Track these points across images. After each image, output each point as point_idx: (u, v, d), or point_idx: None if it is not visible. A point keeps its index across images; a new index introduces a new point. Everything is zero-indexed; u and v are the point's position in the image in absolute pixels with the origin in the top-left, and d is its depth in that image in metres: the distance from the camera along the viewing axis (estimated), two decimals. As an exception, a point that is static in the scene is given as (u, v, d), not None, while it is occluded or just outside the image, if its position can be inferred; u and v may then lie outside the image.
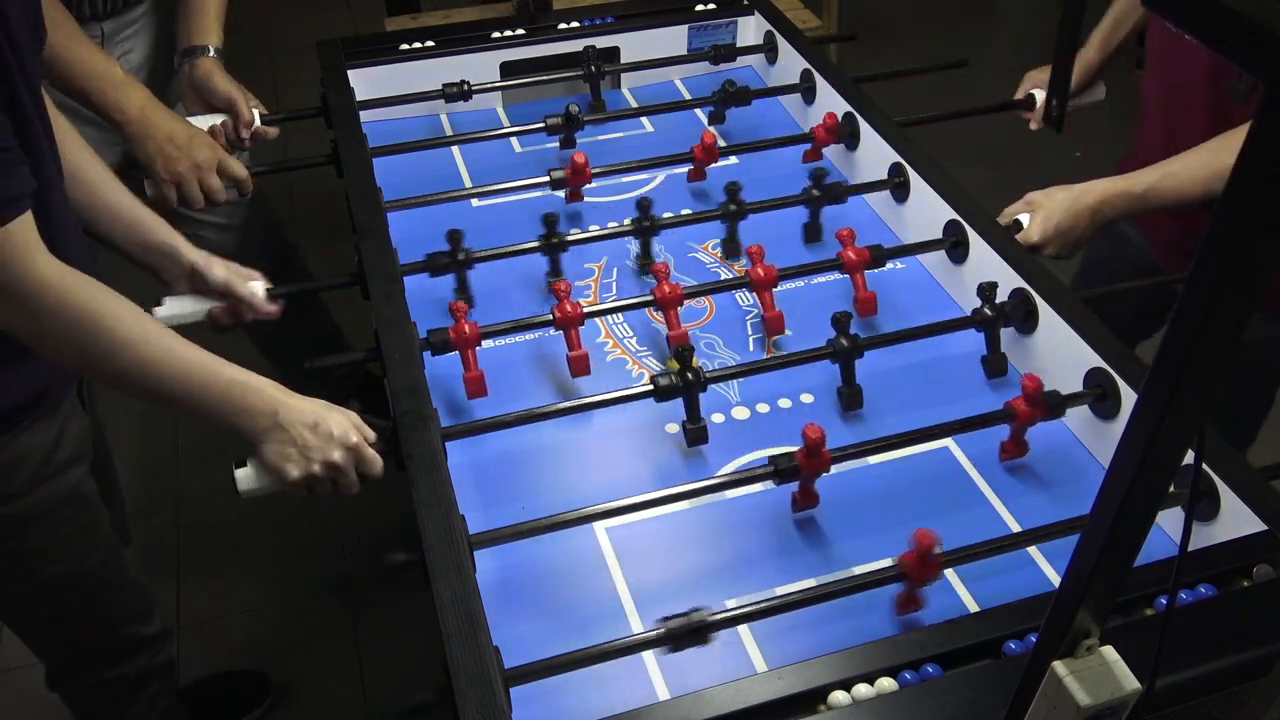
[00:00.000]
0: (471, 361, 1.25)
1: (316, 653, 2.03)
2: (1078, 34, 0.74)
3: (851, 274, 1.38)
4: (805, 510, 1.14)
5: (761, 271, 1.33)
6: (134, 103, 1.44)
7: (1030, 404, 1.14)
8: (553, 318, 1.27)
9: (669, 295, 1.30)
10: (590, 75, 1.78)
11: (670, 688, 0.97)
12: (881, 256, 1.38)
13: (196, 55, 1.61)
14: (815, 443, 1.06)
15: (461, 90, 1.72)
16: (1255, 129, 0.45)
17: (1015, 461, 1.20)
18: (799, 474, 1.09)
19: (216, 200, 1.51)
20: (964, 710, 0.84)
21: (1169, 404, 0.53)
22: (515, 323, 1.29)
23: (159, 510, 2.29)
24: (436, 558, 0.97)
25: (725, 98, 1.73)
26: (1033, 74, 1.72)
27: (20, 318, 0.99)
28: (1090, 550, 0.61)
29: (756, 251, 1.35)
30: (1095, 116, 1.77)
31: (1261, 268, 0.49)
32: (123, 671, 1.47)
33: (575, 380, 1.30)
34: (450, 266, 1.38)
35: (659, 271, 1.33)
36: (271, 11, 4.11)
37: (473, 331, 1.24)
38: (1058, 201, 1.41)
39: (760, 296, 1.35)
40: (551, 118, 1.64)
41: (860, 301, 1.38)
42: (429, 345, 1.24)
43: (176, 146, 1.46)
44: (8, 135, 0.95)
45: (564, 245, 1.42)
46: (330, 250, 2.88)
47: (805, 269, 1.40)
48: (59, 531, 1.26)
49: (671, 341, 1.31)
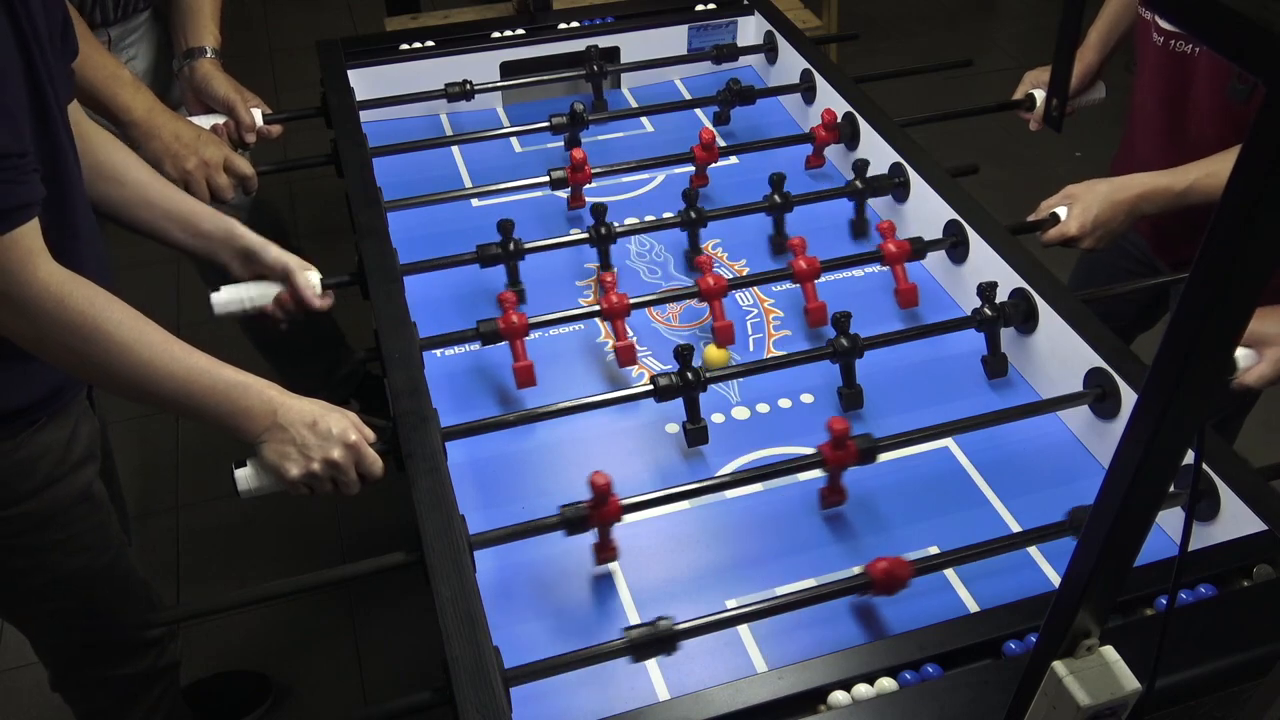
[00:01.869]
0: (521, 351, 1.26)
1: (316, 653, 2.03)
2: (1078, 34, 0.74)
3: (892, 266, 1.40)
4: (834, 507, 1.14)
5: (804, 264, 1.35)
6: (141, 104, 1.45)
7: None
8: (599, 309, 1.28)
9: (713, 288, 1.31)
10: (593, 75, 1.78)
11: (670, 688, 0.97)
12: (923, 249, 1.40)
13: (194, 57, 1.62)
14: (841, 434, 1.07)
15: (464, 90, 1.72)
16: (1255, 129, 0.45)
17: (1015, 462, 1.20)
18: (826, 466, 1.09)
19: (223, 198, 1.51)
20: (964, 710, 0.84)
21: (1169, 404, 0.53)
22: (565, 314, 1.30)
23: (159, 510, 2.29)
24: (436, 558, 0.97)
25: (730, 96, 1.73)
26: (1032, 74, 1.72)
27: (21, 323, 1.00)
28: (1090, 550, 0.61)
29: (799, 243, 1.36)
30: (1095, 116, 1.78)
31: (1261, 268, 0.49)
32: (127, 671, 1.47)
33: (622, 370, 1.32)
34: (500, 257, 1.38)
35: (703, 264, 1.34)
36: (271, 11, 4.11)
37: (521, 322, 1.25)
38: (1097, 194, 1.42)
39: (803, 288, 1.37)
40: (556, 117, 1.64)
41: (901, 293, 1.40)
42: (479, 335, 1.25)
43: (183, 144, 1.47)
44: (22, 142, 0.96)
45: (611, 237, 1.43)
46: (331, 250, 2.89)
47: (848, 260, 1.41)
48: (73, 529, 1.27)
49: (718, 334, 1.32)
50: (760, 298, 1.44)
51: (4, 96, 0.94)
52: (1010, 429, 1.21)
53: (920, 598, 1.04)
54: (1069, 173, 1.52)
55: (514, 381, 1.27)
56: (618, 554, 1.07)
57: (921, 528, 1.13)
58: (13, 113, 0.95)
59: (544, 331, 1.37)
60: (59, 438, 1.22)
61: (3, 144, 0.93)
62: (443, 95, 1.73)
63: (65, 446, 1.23)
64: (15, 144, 0.95)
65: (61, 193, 1.09)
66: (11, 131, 0.94)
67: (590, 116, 1.66)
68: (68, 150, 1.10)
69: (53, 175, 1.06)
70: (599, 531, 1.05)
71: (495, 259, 1.38)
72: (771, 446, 1.23)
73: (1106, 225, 1.41)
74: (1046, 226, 1.44)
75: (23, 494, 1.20)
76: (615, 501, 1.03)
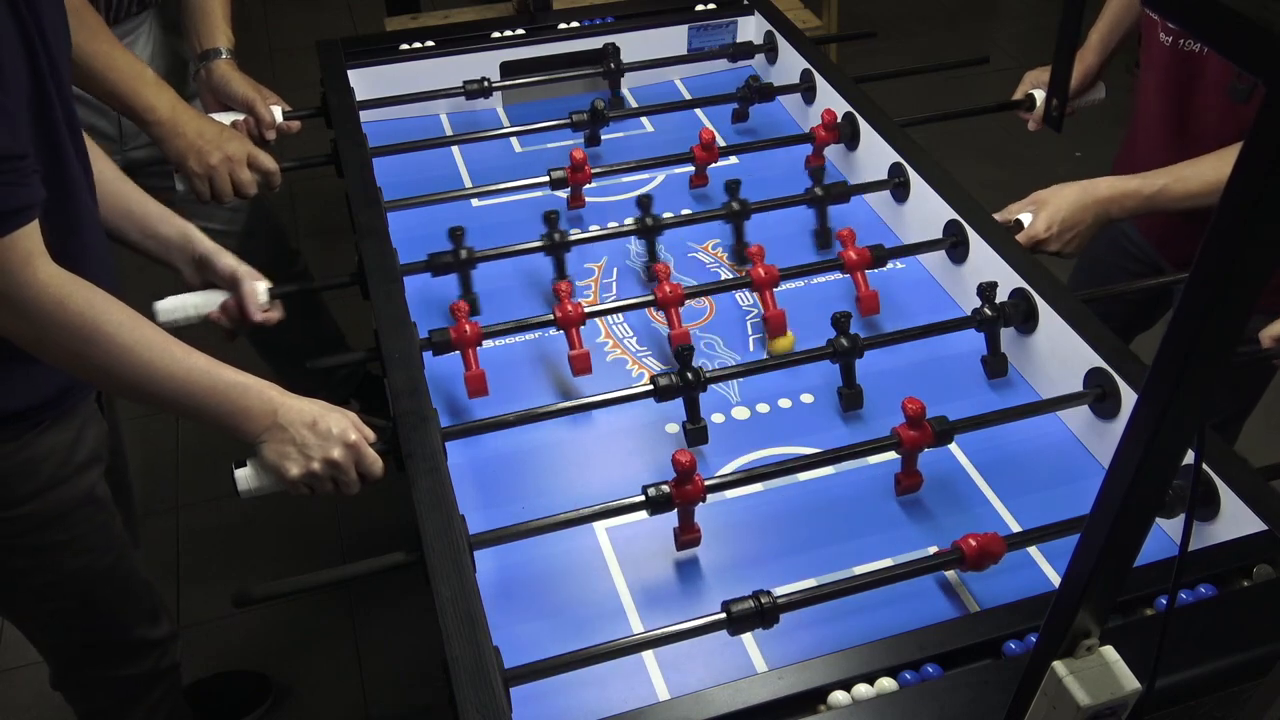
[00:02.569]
0: (472, 361, 1.25)
1: (316, 653, 2.03)
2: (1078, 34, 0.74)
3: (852, 273, 1.38)
4: (909, 494, 1.15)
5: (763, 271, 1.33)
6: (164, 102, 1.45)
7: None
8: (554, 318, 1.28)
9: (670, 296, 1.30)
10: (610, 72, 1.79)
11: (670, 688, 0.97)
12: (883, 256, 1.38)
13: (211, 58, 1.63)
14: (917, 414, 1.08)
15: (482, 87, 1.73)
16: (1255, 129, 0.45)
17: (1015, 461, 1.20)
18: (901, 448, 1.11)
19: (246, 193, 1.52)
20: (964, 710, 0.84)
21: (1169, 404, 0.53)
22: (516, 323, 1.29)
23: (159, 511, 2.29)
24: (436, 558, 0.97)
25: (750, 94, 1.74)
26: (1032, 74, 1.72)
27: (21, 325, 1.00)
28: (1090, 550, 0.61)
29: (757, 252, 1.35)
30: (1095, 117, 1.78)
31: (1261, 268, 0.49)
32: (129, 672, 1.47)
33: (576, 379, 1.30)
34: (452, 266, 1.38)
35: (660, 272, 1.33)
36: (271, 11, 4.11)
37: (473, 332, 1.24)
38: (1064, 197, 1.42)
39: (761, 296, 1.35)
40: (577, 114, 1.65)
41: (862, 300, 1.39)
42: (430, 345, 1.24)
43: (207, 141, 1.47)
44: (22, 144, 0.96)
45: (566, 245, 1.42)
46: (331, 250, 2.89)
47: (805, 269, 1.40)
48: (75, 530, 1.27)
49: (673, 341, 1.31)
50: (760, 298, 1.44)
51: (4, 97, 0.93)
52: (1010, 429, 1.21)
53: (920, 598, 1.04)
54: (1069, 173, 1.52)
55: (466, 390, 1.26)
56: (700, 539, 1.08)
57: (921, 527, 1.13)
58: (12, 114, 0.94)
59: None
60: (64, 440, 1.22)
61: (3, 145, 0.93)
62: (445, 95, 1.73)
63: (70, 449, 1.23)
64: (15, 145, 0.95)
65: (64, 194, 1.09)
66: (11, 133, 0.94)
67: (611, 114, 1.67)
68: (70, 150, 1.09)
69: (55, 176, 1.05)
70: (680, 514, 1.05)
71: (448, 268, 1.37)
72: (772, 446, 1.23)
73: (1075, 228, 1.41)
74: (1014, 231, 1.43)
75: (26, 495, 1.20)
76: (699, 481, 1.04)
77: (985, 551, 1.00)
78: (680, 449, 1.03)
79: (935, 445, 1.11)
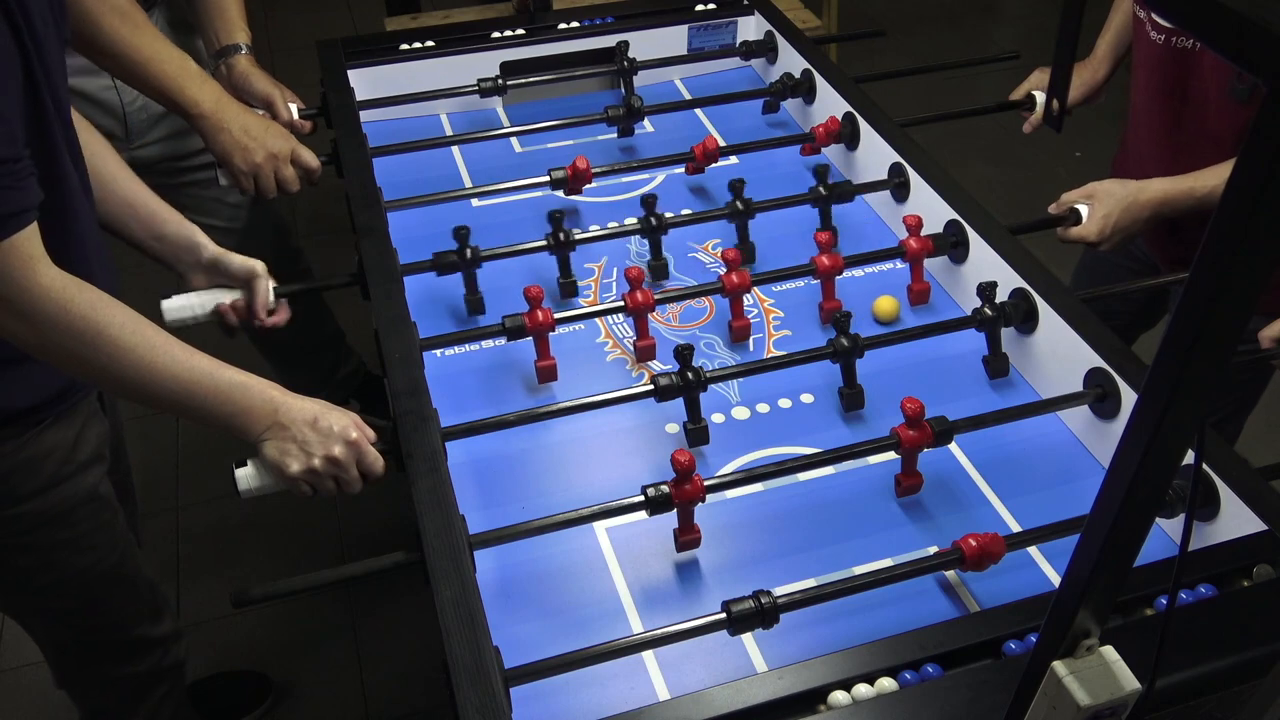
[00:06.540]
0: (545, 349, 1.28)
1: (316, 653, 2.03)
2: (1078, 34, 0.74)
3: (911, 263, 1.40)
4: (909, 495, 1.15)
5: (827, 260, 1.36)
6: (209, 96, 1.45)
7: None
8: (624, 305, 1.30)
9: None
10: (624, 70, 1.79)
11: (670, 688, 0.97)
12: (945, 244, 1.41)
13: (230, 55, 1.63)
14: (917, 414, 1.08)
15: (496, 85, 1.73)
16: (1255, 129, 0.45)
17: (1015, 461, 1.20)
18: (901, 449, 1.11)
19: (289, 190, 1.53)
20: (964, 710, 0.84)
21: (1169, 404, 0.53)
22: (587, 306, 1.32)
23: (159, 511, 2.29)
24: (436, 558, 0.97)
25: (784, 89, 1.76)
26: (1033, 75, 1.72)
27: (23, 328, 1.00)
28: (1090, 550, 0.61)
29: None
30: (1095, 116, 1.77)
31: (1261, 268, 0.48)
32: (132, 670, 1.47)
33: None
34: (458, 265, 1.38)
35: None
36: (271, 11, 4.11)
37: (546, 318, 1.26)
38: (1117, 199, 1.41)
39: (824, 286, 1.38)
40: (612, 109, 1.67)
41: (915, 291, 1.41)
42: (505, 331, 1.26)
43: (252, 138, 1.47)
44: (16, 147, 0.95)
45: (570, 244, 1.42)
46: (331, 250, 2.89)
47: (869, 256, 1.41)
48: (79, 529, 1.27)
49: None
50: (760, 298, 1.44)
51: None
52: (1010, 429, 1.21)
53: (920, 598, 1.04)
54: (1069, 173, 1.52)
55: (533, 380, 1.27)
56: (699, 540, 1.08)
57: (921, 527, 1.13)
58: (7, 117, 0.94)
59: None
60: (65, 438, 1.22)
61: None
62: (445, 95, 1.73)
63: (71, 447, 1.23)
64: (10, 149, 0.94)
65: (60, 194, 1.08)
66: (6, 136, 0.94)
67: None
68: (64, 150, 1.09)
69: (50, 176, 1.05)
70: (680, 514, 1.05)
71: (453, 267, 1.38)
72: (772, 446, 1.23)
73: (1126, 230, 1.42)
74: (1069, 223, 1.43)
75: (28, 493, 1.20)
76: (699, 481, 1.04)
77: (985, 551, 1.00)
78: (680, 449, 1.03)
79: (935, 445, 1.11)
